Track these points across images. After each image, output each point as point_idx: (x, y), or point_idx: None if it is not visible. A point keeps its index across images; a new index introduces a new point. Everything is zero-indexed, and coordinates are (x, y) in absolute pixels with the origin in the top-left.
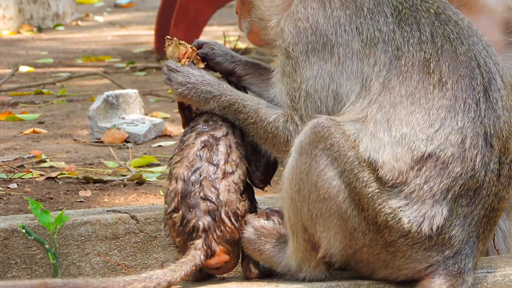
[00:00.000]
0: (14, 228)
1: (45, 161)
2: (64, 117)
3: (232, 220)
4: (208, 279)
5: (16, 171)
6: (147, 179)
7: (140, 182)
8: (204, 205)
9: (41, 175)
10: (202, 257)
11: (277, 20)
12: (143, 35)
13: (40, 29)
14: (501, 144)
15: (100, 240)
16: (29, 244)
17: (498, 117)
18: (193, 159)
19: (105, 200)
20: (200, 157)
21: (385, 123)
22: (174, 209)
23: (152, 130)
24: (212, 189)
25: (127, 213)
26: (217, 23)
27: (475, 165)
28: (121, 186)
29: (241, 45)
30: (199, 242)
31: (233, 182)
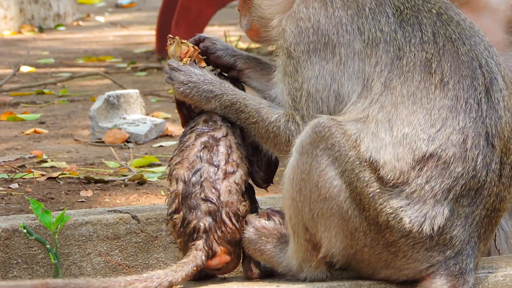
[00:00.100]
0: (15, 228)
1: (46, 161)
2: (65, 117)
3: (233, 220)
4: (209, 279)
5: (17, 171)
6: (148, 179)
7: (141, 182)
8: (205, 206)
9: (42, 175)
10: (204, 257)
11: (279, 20)
12: (144, 35)
13: (41, 29)
14: (503, 145)
15: (101, 240)
16: (30, 244)
17: (500, 117)
18: (193, 160)
19: (106, 200)
20: (201, 158)
21: (386, 123)
22: (175, 210)
23: (153, 130)
24: (213, 190)
25: (128, 213)
26: (218, 23)
27: (477, 165)
28: (122, 186)
29: (242, 45)
30: (200, 242)
31: (234, 182)
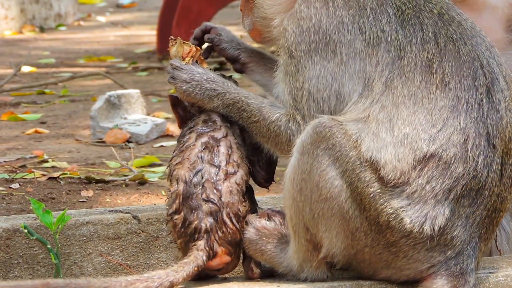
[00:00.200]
0: (16, 228)
1: (47, 161)
2: (66, 117)
3: (234, 221)
4: (209, 279)
5: (18, 171)
6: (149, 179)
7: (142, 182)
8: (206, 206)
9: (43, 175)
10: (205, 258)
11: (280, 19)
12: (145, 35)
13: (42, 29)
14: (504, 145)
15: (102, 240)
16: (31, 244)
17: (501, 117)
18: (194, 161)
19: (107, 200)
20: (202, 159)
21: (387, 123)
22: (176, 211)
23: (154, 130)
24: (214, 191)
25: (129, 213)
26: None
27: (477, 166)
28: (123, 186)
29: None
30: (201, 243)
31: (235, 183)
